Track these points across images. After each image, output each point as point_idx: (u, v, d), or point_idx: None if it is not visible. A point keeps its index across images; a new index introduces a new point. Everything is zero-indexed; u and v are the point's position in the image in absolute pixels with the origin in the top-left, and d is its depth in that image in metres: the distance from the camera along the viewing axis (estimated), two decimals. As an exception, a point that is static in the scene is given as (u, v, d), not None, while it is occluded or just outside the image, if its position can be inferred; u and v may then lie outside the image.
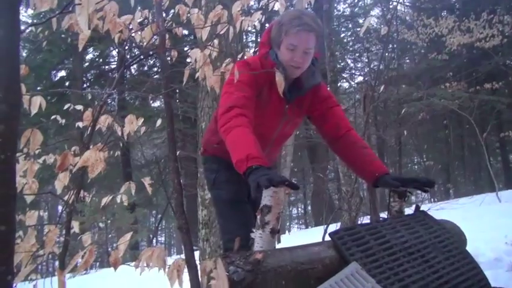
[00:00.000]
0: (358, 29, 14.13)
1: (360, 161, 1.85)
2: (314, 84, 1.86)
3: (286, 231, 13.55)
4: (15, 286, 1.55)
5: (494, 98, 11.10)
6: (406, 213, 1.78)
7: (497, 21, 9.92)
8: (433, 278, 1.41)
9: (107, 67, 14.09)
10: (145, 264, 1.67)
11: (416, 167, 20.54)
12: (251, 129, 1.58)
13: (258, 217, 1.38)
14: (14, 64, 0.81)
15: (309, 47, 1.72)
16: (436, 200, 13.88)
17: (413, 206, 1.85)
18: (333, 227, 4.19)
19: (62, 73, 13.29)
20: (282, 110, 1.83)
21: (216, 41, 2.82)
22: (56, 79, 12.88)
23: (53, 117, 4.49)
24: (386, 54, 9.79)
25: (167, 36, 2.21)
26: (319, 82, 1.89)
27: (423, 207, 2.29)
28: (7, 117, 0.79)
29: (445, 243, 1.61)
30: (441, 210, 6.43)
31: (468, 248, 1.75)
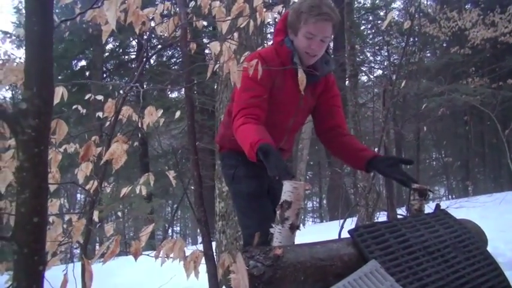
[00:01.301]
0: (379, 22, 13.91)
1: (350, 149, 1.91)
2: (328, 71, 1.91)
3: (301, 225, 13.55)
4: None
5: (518, 94, 10.81)
6: (426, 211, 1.77)
7: (524, 15, 9.63)
8: (453, 278, 1.40)
9: (126, 57, 14.23)
10: (165, 255, 1.70)
11: (434, 163, 20.23)
12: (257, 123, 1.66)
13: (278, 212, 1.39)
14: (47, 59, 0.83)
15: (327, 36, 1.75)
16: (454, 196, 13.67)
17: (434, 204, 1.83)
18: (349, 221, 4.18)
19: (83, 63, 13.48)
20: (297, 96, 1.84)
21: (236, 34, 2.82)
22: (77, 68, 13.08)
23: (74, 107, 4.58)
24: (408, 47, 9.61)
25: (188, 29, 2.23)
26: (332, 69, 1.95)
27: (441, 205, 2.26)
28: (41, 112, 0.82)
29: (466, 243, 1.59)
30: (460, 209, 6.34)
31: (487, 248, 1.73)
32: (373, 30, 14.53)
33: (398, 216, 3.83)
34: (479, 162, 16.64)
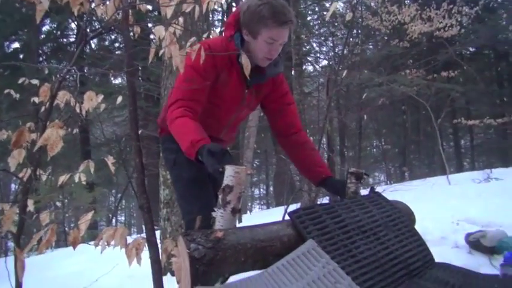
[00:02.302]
0: (325, 13, 14.20)
1: (308, 162, 1.98)
2: (276, 73, 1.89)
3: (248, 212, 13.74)
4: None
5: (449, 86, 11.60)
6: (361, 194, 1.88)
7: (456, 12, 10.27)
8: (384, 254, 1.51)
9: (65, 40, 13.43)
10: (106, 243, 1.66)
11: (375, 150, 21.25)
12: (194, 118, 1.66)
13: (220, 196, 1.41)
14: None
15: (286, 40, 1.74)
16: (392, 182, 14.47)
17: (369, 187, 1.94)
18: (293, 207, 4.30)
19: (16, 45, 12.54)
20: (241, 93, 1.85)
21: (181, 19, 2.77)
22: (9, 51, 12.15)
23: (6, 91, 4.27)
24: (351, 39, 9.94)
25: (130, 11, 2.15)
26: (281, 72, 1.94)
27: (379, 189, 2.41)
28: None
29: (396, 222, 1.71)
30: (395, 192, 6.74)
31: (418, 227, 1.87)
32: (319, 21, 14.82)
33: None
34: (415, 149, 17.72)
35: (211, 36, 2.81)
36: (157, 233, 3.12)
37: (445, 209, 4.03)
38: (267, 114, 2.07)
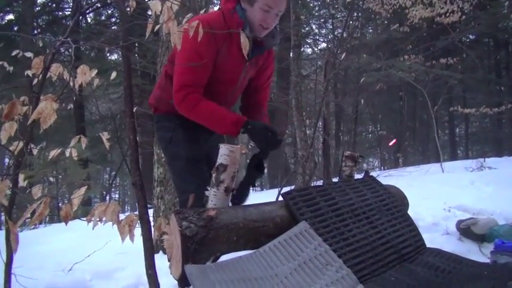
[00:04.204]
0: (325, -6, 14.00)
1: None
2: (274, 44, 1.92)
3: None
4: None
5: (447, 73, 11.53)
6: (356, 177, 1.87)
7: (459, -3, 10.14)
8: (375, 238, 1.51)
9: (60, 13, 13.15)
10: (98, 219, 1.65)
11: (370, 135, 21.28)
12: (208, 100, 1.74)
13: (214, 175, 1.40)
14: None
15: (282, 10, 1.74)
16: (386, 168, 14.55)
17: (364, 172, 1.94)
18: (287, 189, 4.31)
19: (10, 16, 12.26)
20: (242, 66, 1.85)
21: (178, -6, 2.70)
22: (3, 22, 11.89)
23: (-1, 63, 4.19)
24: (351, 22, 9.82)
25: (126, -16, 2.09)
26: (278, 43, 1.98)
27: (373, 174, 2.41)
28: None
29: (389, 206, 1.72)
30: (389, 177, 6.78)
31: (410, 213, 1.87)
32: (319, 2, 14.60)
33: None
34: (410, 136, 17.75)
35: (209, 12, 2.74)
36: (150, 211, 3.13)
37: (438, 196, 4.06)
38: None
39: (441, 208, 3.56)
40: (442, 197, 3.94)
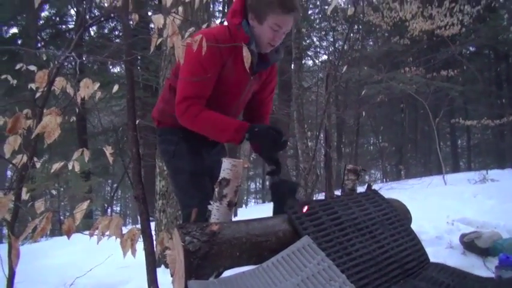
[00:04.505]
0: (326, 7, 14.13)
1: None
2: (278, 59, 1.93)
3: (243, 205, 13.75)
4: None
5: (448, 85, 11.58)
6: (358, 191, 1.87)
7: (458, 11, 10.22)
8: (379, 253, 1.50)
9: (63, 27, 13.29)
10: (101, 233, 1.65)
11: (372, 147, 21.27)
12: (211, 110, 1.74)
13: (216, 190, 1.40)
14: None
15: (289, 29, 1.79)
16: (388, 180, 14.50)
17: (366, 185, 1.94)
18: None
19: (14, 30, 12.39)
20: (247, 80, 1.87)
21: (180, 8, 2.73)
22: (7, 36, 12.01)
23: (3, 76, 4.23)
24: (352, 34, 9.90)
25: (130, -1, 2.12)
26: (281, 58, 1.98)
27: (375, 187, 2.40)
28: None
29: (392, 220, 1.71)
30: (391, 190, 6.76)
31: (413, 226, 1.86)
32: (320, 15, 14.75)
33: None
34: (411, 148, 17.73)
35: (211, 27, 2.78)
36: (152, 225, 3.11)
37: (441, 209, 4.04)
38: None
39: (444, 221, 3.54)
40: (445, 210, 3.92)
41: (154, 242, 1.85)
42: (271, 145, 1.69)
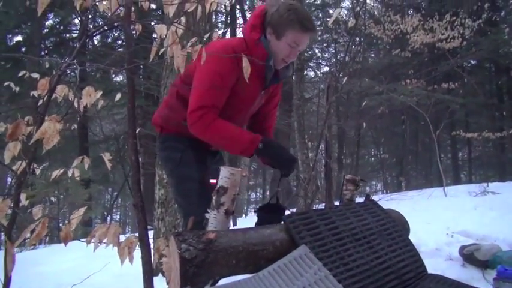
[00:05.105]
0: (328, 19, 14.25)
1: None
2: (288, 76, 1.99)
3: (243, 215, 13.71)
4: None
5: (449, 97, 11.59)
6: (357, 201, 1.87)
7: (459, 24, 10.29)
8: (376, 263, 1.50)
9: (67, 35, 13.41)
10: (98, 241, 1.64)
11: (372, 159, 21.25)
12: (224, 120, 1.75)
13: (214, 198, 1.40)
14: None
15: (305, 48, 1.87)
16: (388, 191, 14.46)
17: (365, 195, 1.94)
18: (288, 212, 4.28)
19: (18, 38, 12.50)
20: (258, 94, 1.90)
21: (183, 19, 2.76)
22: (12, 43, 12.12)
23: (6, 83, 4.26)
24: (353, 46, 9.96)
25: (133, 8, 2.14)
26: (290, 75, 2.06)
27: (375, 198, 2.40)
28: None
29: (390, 231, 1.70)
30: (391, 201, 6.73)
31: (412, 238, 1.86)
32: (322, 27, 14.86)
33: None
34: (412, 159, 17.71)
35: (213, 38, 2.80)
36: (151, 233, 3.10)
37: (441, 221, 4.02)
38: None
39: (444, 233, 3.52)
40: (445, 222, 3.90)
41: (152, 251, 1.85)
42: (284, 161, 1.75)
